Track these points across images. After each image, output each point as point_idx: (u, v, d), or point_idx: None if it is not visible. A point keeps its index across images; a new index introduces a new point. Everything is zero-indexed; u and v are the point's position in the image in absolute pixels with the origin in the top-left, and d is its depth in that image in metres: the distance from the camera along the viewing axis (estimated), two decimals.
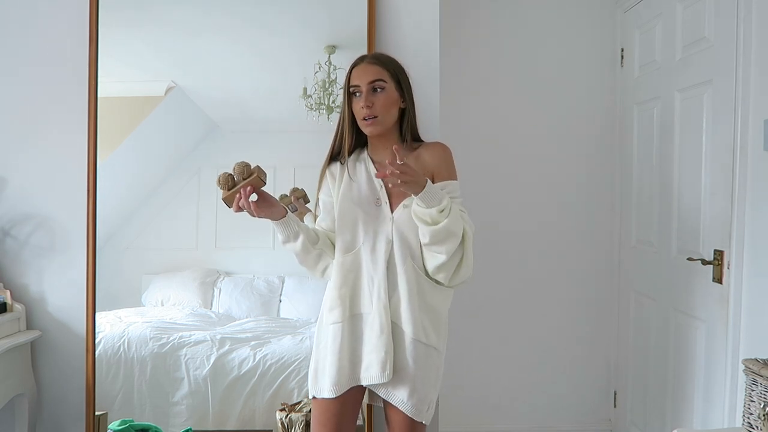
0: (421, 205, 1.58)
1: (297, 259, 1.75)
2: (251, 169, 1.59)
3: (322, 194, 1.79)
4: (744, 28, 1.93)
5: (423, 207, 1.58)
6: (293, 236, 1.69)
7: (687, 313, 2.27)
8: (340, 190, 1.74)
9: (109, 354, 2.24)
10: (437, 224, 1.59)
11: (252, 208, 1.60)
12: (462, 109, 2.85)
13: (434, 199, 1.57)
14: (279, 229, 1.69)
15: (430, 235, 1.60)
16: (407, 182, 1.53)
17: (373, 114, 1.68)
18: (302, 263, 1.76)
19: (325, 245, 1.74)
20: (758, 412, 1.56)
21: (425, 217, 1.59)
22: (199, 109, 2.41)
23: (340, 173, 1.76)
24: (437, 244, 1.62)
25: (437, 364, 1.71)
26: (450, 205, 1.61)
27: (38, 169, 2.22)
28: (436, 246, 1.62)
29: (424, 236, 1.62)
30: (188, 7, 2.30)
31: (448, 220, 1.59)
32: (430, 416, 1.69)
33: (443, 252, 1.63)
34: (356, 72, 1.71)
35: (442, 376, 1.75)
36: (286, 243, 1.71)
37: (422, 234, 1.63)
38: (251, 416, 2.23)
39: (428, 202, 1.57)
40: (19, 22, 2.21)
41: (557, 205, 2.93)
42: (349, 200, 1.71)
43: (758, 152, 1.88)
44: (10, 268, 2.21)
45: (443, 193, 1.61)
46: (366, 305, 1.68)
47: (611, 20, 2.90)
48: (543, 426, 2.97)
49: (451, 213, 1.61)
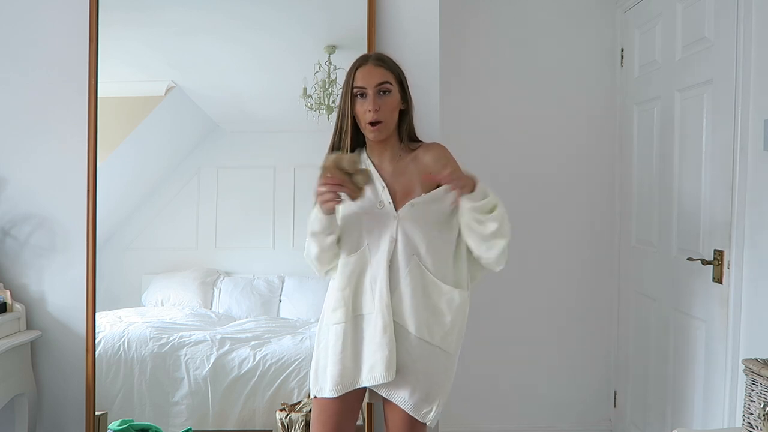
0: (477, 198, 1.61)
1: (315, 252, 1.71)
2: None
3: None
4: (744, 28, 1.93)
5: (479, 200, 1.61)
6: (333, 230, 1.68)
7: (687, 313, 2.27)
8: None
9: (109, 354, 2.25)
10: (497, 208, 1.63)
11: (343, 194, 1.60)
12: (462, 108, 2.85)
13: (482, 189, 1.63)
14: (326, 221, 1.65)
15: (499, 220, 1.63)
16: (466, 185, 1.59)
17: (379, 119, 1.67)
18: (317, 259, 1.72)
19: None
20: (758, 412, 1.56)
21: (486, 205, 1.62)
22: (199, 109, 2.41)
23: None
24: (502, 229, 1.64)
25: (445, 366, 1.69)
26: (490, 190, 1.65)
27: (38, 169, 2.22)
28: (502, 228, 1.64)
29: (492, 224, 1.62)
30: (188, 8, 2.30)
31: (501, 204, 1.64)
32: (436, 418, 1.67)
33: (506, 234, 1.65)
34: (361, 73, 1.69)
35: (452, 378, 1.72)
36: (320, 234, 1.67)
37: (489, 224, 1.62)
38: (251, 416, 2.23)
39: (483, 193, 1.62)
40: (20, 22, 2.21)
41: (557, 205, 2.93)
42: (352, 203, 1.69)
43: (758, 152, 1.88)
44: (10, 268, 2.22)
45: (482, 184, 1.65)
46: (368, 306, 1.67)
47: (611, 20, 2.90)
48: (543, 426, 2.97)
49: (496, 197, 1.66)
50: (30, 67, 2.21)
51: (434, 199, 1.68)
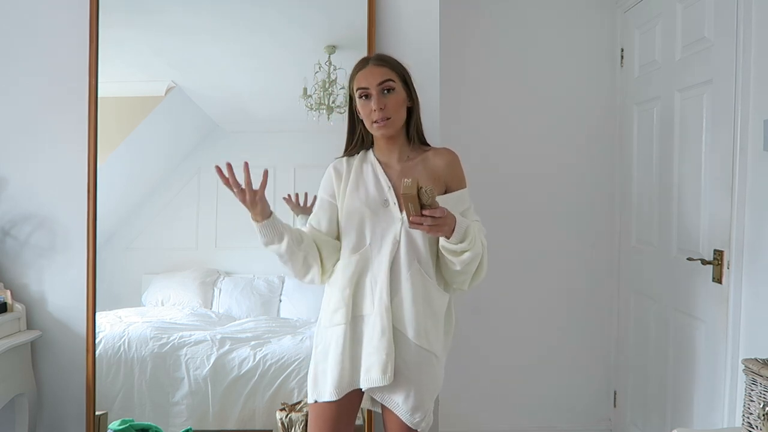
0: (452, 241, 1.60)
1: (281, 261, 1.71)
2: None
3: (325, 193, 1.77)
4: (744, 28, 1.93)
5: (453, 243, 1.60)
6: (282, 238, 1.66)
7: (687, 313, 2.27)
8: (347, 190, 1.71)
9: (109, 354, 2.25)
10: (465, 253, 1.61)
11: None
12: (462, 108, 2.85)
13: (461, 233, 1.60)
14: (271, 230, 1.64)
15: (463, 263, 1.63)
16: (445, 230, 1.57)
17: (386, 116, 1.66)
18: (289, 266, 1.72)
19: (309, 247, 1.68)
20: (758, 412, 1.56)
21: (457, 250, 1.61)
22: (199, 109, 2.41)
23: (347, 172, 1.74)
24: (467, 268, 1.65)
25: (436, 372, 1.69)
26: (474, 232, 1.63)
27: (38, 168, 2.22)
28: (466, 268, 1.65)
29: (455, 265, 1.64)
30: (188, 8, 2.30)
31: (475, 247, 1.62)
32: (428, 426, 1.67)
33: (469, 272, 1.67)
34: (363, 74, 1.69)
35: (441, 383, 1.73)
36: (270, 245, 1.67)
37: (453, 264, 1.64)
38: (251, 416, 2.23)
39: (458, 237, 1.60)
40: (20, 22, 2.21)
41: (557, 205, 2.93)
42: (357, 200, 1.69)
43: (758, 152, 1.88)
44: (10, 268, 2.22)
45: (466, 223, 1.63)
46: (367, 307, 1.66)
47: (611, 20, 2.89)
48: (543, 426, 2.97)
49: (476, 237, 1.63)
50: (30, 67, 2.21)
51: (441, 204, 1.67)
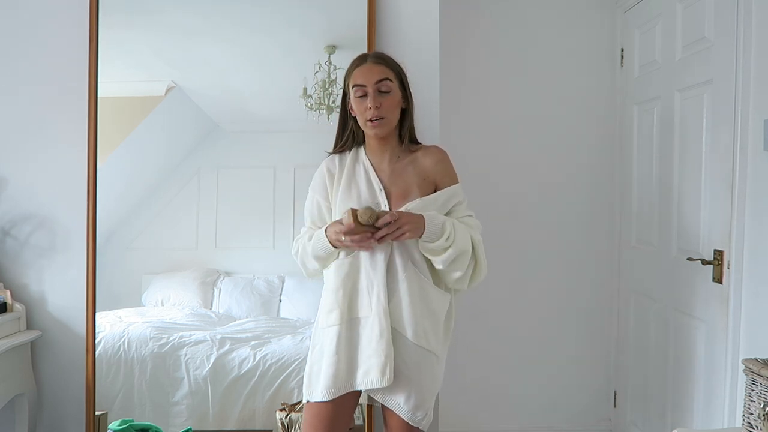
0: (428, 240, 1.60)
1: (314, 268, 1.75)
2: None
3: (319, 196, 1.77)
4: (744, 28, 1.93)
5: (430, 242, 1.61)
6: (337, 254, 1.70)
7: (687, 313, 2.27)
8: (339, 190, 1.72)
9: (109, 354, 2.25)
10: (447, 250, 1.61)
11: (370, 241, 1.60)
12: (462, 108, 2.85)
13: (437, 231, 1.60)
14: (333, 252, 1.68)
15: (444, 262, 1.63)
16: (408, 231, 1.57)
17: (380, 115, 1.66)
18: (312, 274, 1.78)
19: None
20: (758, 412, 1.55)
21: (436, 249, 1.61)
22: (199, 109, 2.41)
23: (339, 172, 1.74)
24: (452, 266, 1.65)
25: (436, 371, 1.69)
26: (453, 227, 1.63)
27: (38, 168, 2.22)
28: (452, 266, 1.65)
29: (438, 264, 1.65)
30: (188, 9, 2.30)
31: (456, 244, 1.62)
32: (428, 423, 1.67)
33: (458, 269, 1.66)
34: (360, 71, 1.69)
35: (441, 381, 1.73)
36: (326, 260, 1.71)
37: (436, 263, 1.65)
38: (251, 416, 2.23)
39: (432, 236, 1.60)
40: (21, 23, 2.21)
41: (557, 205, 2.93)
42: (349, 202, 1.69)
43: (758, 152, 1.88)
44: (10, 268, 2.22)
45: (441, 219, 1.63)
46: (364, 309, 1.65)
47: (611, 20, 2.89)
48: (543, 426, 2.97)
49: (457, 233, 1.63)
50: (30, 67, 2.21)
51: (430, 203, 1.67)
